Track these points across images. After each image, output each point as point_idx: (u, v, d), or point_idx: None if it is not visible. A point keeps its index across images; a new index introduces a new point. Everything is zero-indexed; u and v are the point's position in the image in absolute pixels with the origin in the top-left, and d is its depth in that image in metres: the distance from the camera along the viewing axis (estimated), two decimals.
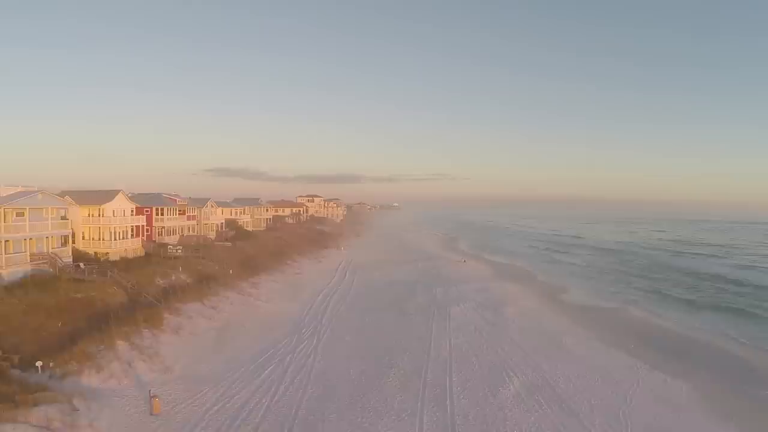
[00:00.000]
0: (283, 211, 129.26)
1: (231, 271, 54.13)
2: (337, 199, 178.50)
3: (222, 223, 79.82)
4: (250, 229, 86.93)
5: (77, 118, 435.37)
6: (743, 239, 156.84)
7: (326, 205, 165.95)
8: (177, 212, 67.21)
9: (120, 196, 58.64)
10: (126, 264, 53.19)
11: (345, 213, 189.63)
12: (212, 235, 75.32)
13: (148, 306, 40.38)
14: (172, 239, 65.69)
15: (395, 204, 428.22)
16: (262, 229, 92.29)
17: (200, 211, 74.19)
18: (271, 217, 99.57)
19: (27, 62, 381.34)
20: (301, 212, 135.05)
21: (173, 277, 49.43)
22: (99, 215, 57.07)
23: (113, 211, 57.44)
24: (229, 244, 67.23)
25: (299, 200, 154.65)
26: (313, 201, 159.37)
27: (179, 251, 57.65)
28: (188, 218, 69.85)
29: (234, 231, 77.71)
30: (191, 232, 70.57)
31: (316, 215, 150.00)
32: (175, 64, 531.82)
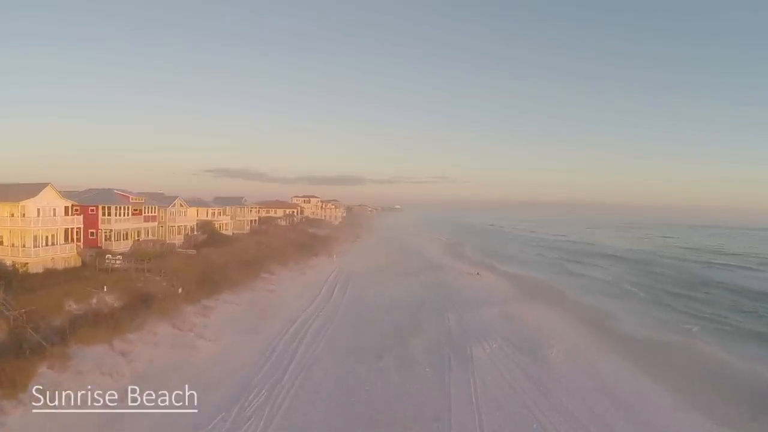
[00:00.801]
0: (275, 212, 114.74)
1: (180, 290, 39.76)
2: (335, 200, 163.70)
3: (194, 225, 65.57)
4: (229, 232, 72.61)
5: (76, 118, 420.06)
6: (763, 247, 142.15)
7: (324, 206, 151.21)
8: (130, 212, 52.87)
9: (48, 191, 44.42)
10: (44, 279, 39.16)
11: (344, 215, 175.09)
12: (180, 239, 61.04)
13: (29, 350, 26.32)
14: (123, 245, 51.37)
15: (397, 206, 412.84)
16: (245, 232, 77.95)
17: (164, 211, 59.86)
18: (257, 218, 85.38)
19: (26, 61, 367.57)
20: (295, 214, 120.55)
21: (94, 300, 35.10)
22: (20, 215, 43.11)
23: (38, 210, 43.28)
24: (193, 251, 52.91)
25: (295, 201, 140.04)
26: (309, 202, 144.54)
27: (118, 262, 43.36)
28: (146, 219, 55.47)
29: (206, 235, 63.43)
30: (151, 236, 56.27)
31: (312, 217, 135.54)
32: (175, 64, 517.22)
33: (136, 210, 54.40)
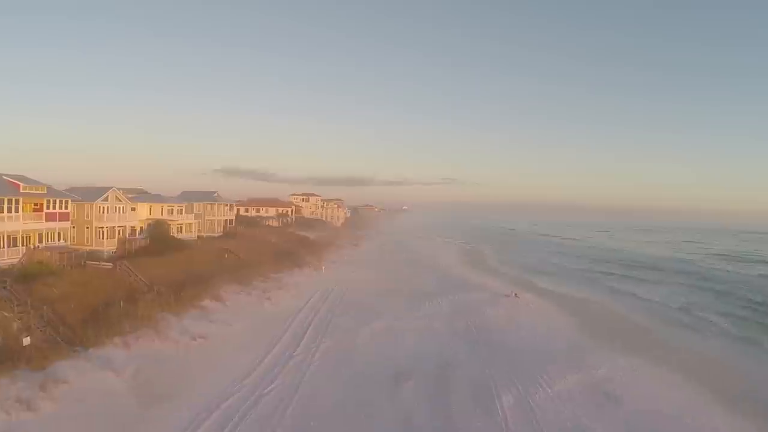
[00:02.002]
0: (266, 212, 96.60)
1: (28, 339, 21.79)
2: (338, 199, 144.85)
3: (138, 226, 47.70)
4: (192, 235, 54.53)
5: (79, 117, 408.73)
6: None
7: (325, 205, 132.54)
8: (21, 206, 34.94)
9: None
10: None
11: (348, 215, 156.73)
12: (112, 245, 43.10)
13: None
14: (10, 254, 33.54)
15: (405, 207, 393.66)
16: (215, 235, 59.90)
17: (90, 207, 41.98)
18: (232, 218, 67.33)
19: (30, 61, 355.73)
20: (290, 213, 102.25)
21: None
22: None
23: None
24: (108, 265, 34.82)
25: (292, 199, 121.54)
26: (308, 200, 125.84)
27: None
28: (50, 218, 37.50)
29: (148, 239, 45.38)
30: (61, 241, 38.35)
31: (311, 217, 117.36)
32: (182, 65, 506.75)
33: (36, 205, 36.58)
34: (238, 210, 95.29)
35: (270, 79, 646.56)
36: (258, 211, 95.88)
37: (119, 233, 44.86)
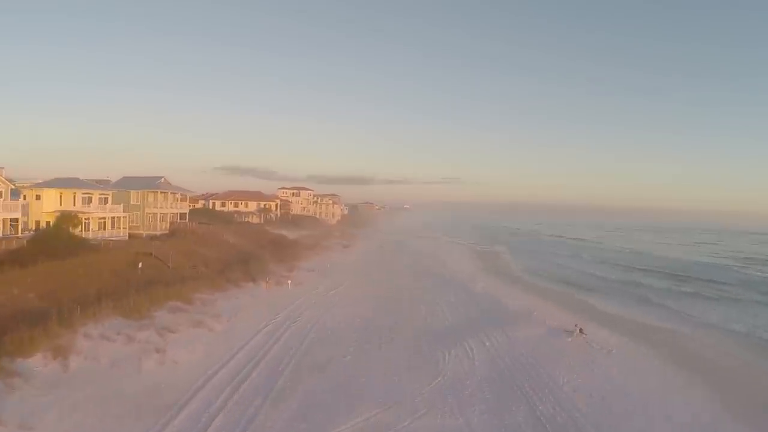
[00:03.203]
0: (246, 206, 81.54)
1: None
2: (333, 194, 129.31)
3: (44, 221, 32.89)
4: (120, 233, 39.64)
5: (79, 116, 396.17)
6: None
7: (318, 201, 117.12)
8: None
9: None
10: None
11: (346, 213, 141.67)
12: None
13: None
14: None
15: (406, 206, 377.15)
16: (158, 233, 44.92)
17: None
18: (185, 212, 52.12)
19: (30, 60, 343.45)
20: (274, 208, 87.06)
21: None
22: None
23: None
24: None
25: (279, 193, 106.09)
26: (298, 195, 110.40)
27: None
28: None
29: (33, 241, 30.43)
30: None
31: (301, 213, 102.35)
32: (182, 64, 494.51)
33: None
34: (213, 204, 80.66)
35: (270, 79, 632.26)
36: (237, 205, 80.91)
37: None
